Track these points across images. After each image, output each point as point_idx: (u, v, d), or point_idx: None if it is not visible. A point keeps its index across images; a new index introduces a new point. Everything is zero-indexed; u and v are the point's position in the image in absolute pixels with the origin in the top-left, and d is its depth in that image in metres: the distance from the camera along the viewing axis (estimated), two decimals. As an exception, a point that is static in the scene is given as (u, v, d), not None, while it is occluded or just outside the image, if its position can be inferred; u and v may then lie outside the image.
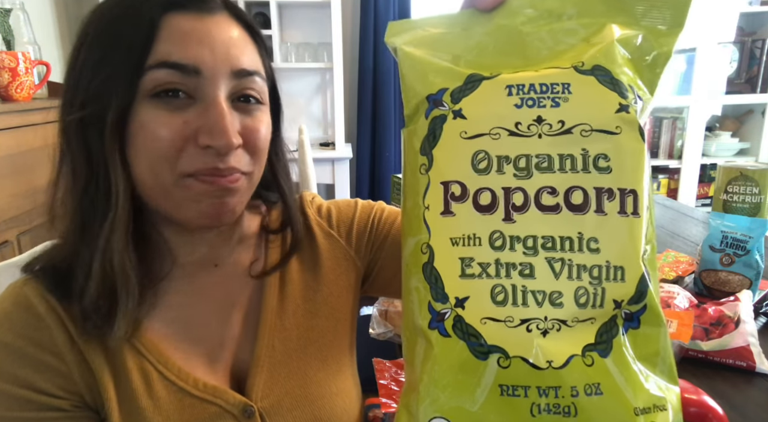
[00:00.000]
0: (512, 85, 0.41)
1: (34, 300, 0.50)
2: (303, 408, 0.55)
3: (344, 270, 0.62)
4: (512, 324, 0.38)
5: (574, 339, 0.38)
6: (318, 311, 0.60)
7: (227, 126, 0.46)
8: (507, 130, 0.40)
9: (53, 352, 0.49)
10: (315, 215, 0.63)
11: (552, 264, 0.39)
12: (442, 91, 0.42)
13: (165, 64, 0.45)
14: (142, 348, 0.51)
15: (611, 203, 0.39)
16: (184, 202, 0.48)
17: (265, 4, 2.70)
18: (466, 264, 0.39)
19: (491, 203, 0.40)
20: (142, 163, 0.46)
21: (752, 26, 2.92)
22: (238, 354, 0.56)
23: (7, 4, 1.82)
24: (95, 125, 0.46)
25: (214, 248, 0.56)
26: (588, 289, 0.39)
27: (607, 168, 0.39)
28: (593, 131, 0.40)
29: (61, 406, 0.49)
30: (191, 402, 0.51)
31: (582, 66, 0.41)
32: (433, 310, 0.39)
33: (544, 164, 0.40)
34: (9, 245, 1.55)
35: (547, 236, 0.39)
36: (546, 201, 0.39)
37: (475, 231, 0.39)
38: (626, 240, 0.39)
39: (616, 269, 0.39)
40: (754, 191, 1.03)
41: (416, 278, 0.41)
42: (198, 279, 0.56)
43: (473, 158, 0.40)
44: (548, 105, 0.40)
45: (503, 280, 0.39)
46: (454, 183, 0.40)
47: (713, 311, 0.85)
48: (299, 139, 1.96)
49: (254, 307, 0.58)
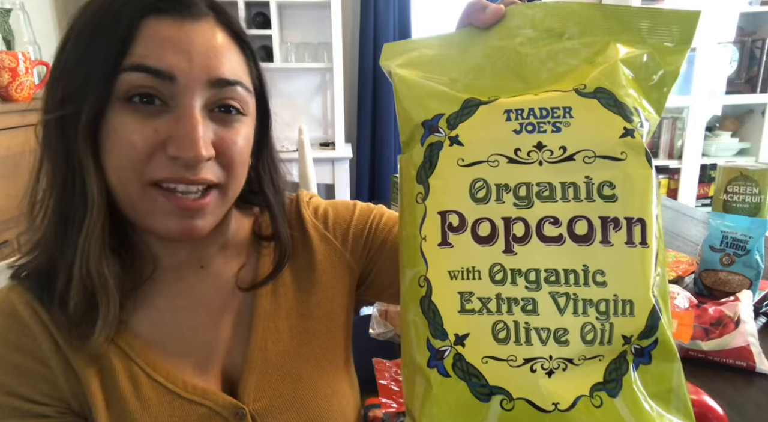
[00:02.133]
0: (511, 109, 0.39)
1: (19, 307, 0.49)
2: (296, 409, 0.55)
3: (339, 273, 0.62)
4: (515, 363, 0.36)
5: (581, 378, 0.36)
6: (311, 314, 0.59)
7: (197, 138, 0.44)
8: (506, 157, 0.39)
9: (37, 358, 0.48)
10: (311, 217, 0.62)
11: (556, 299, 0.37)
12: (438, 117, 0.41)
13: (139, 67, 0.43)
14: (130, 350, 0.51)
15: (618, 233, 0.37)
16: (150, 216, 0.47)
17: (265, 4, 2.70)
18: (466, 299, 0.37)
19: (491, 233, 0.38)
20: (111, 168, 0.46)
21: (752, 26, 2.92)
22: (231, 356, 0.56)
23: (7, 4, 1.82)
24: (72, 125, 0.45)
25: (196, 251, 0.55)
26: (595, 325, 0.37)
27: (612, 196, 0.38)
28: (597, 157, 0.38)
29: (46, 413, 0.48)
30: (180, 404, 0.51)
31: (584, 89, 0.39)
32: (432, 347, 0.37)
33: (545, 192, 0.38)
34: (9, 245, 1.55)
35: (551, 269, 0.37)
36: (548, 232, 0.37)
37: (475, 264, 0.38)
38: (635, 272, 0.37)
39: (624, 303, 0.37)
40: (754, 191, 1.03)
41: (413, 311, 0.39)
42: (184, 281, 0.55)
43: (471, 187, 0.39)
44: (549, 130, 0.38)
45: (505, 316, 0.37)
46: (451, 213, 0.39)
47: (713, 311, 0.85)
48: (299, 139, 1.96)
49: (246, 309, 0.57)
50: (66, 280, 0.47)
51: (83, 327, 0.47)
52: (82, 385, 0.49)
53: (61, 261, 0.47)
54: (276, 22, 2.73)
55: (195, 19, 0.46)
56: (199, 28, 0.46)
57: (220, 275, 0.57)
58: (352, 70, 3.06)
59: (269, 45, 2.75)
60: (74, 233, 0.46)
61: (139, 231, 0.52)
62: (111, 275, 0.47)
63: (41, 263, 0.50)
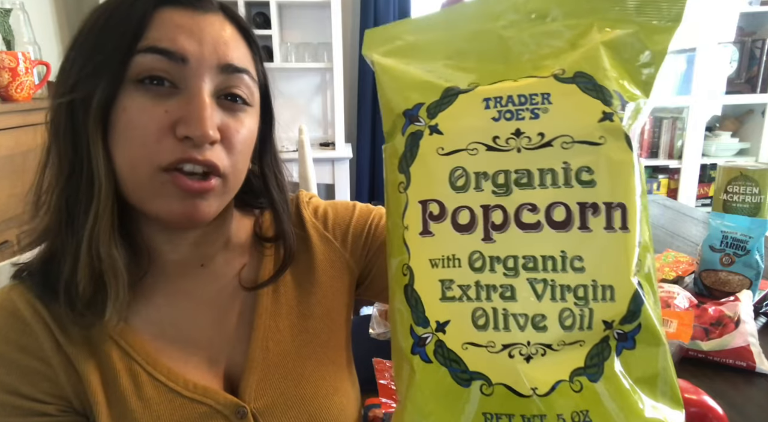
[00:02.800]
0: (489, 97, 0.39)
1: (20, 305, 0.49)
2: (298, 408, 0.55)
3: (339, 273, 0.62)
4: (494, 349, 0.36)
5: (560, 363, 0.36)
6: (312, 313, 0.59)
7: (206, 117, 0.45)
8: (485, 145, 0.38)
9: (39, 357, 0.48)
10: (311, 217, 0.63)
11: (534, 286, 0.37)
12: (419, 106, 0.41)
13: (153, 49, 0.45)
14: (130, 349, 0.51)
15: (596, 218, 0.37)
16: (155, 199, 0.47)
17: (265, 4, 2.70)
18: (447, 287, 0.38)
19: (470, 222, 0.38)
20: (122, 151, 0.46)
21: (752, 26, 2.92)
22: (232, 355, 0.56)
23: (7, 4, 1.82)
24: (82, 109, 0.46)
25: (197, 248, 0.55)
26: (573, 310, 0.37)
27: (590, 182, 0.37)
28: (575, 142, 0.38)
29: (48, 411, 0.48)
30: (182, 403, 0.51)
31: (563, 74, 0.39)
32: (415, 334, 0.38)
33: (523, 179, 0.38)
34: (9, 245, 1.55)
35: (529, 256, 0.37)
36: (526, 219, 0.37)
37: (455, 252, 0.38)
38: (615, 257, 0.37)
39: (604, 288, 0.37)
40: (754, 191, 1.03)
41: (398, 299, 0.40)
42: (184, 279, 0.55)
43: (450, 175, 0.39)
44: (527, 117, 0.38)
45: (484, 303, 0.37)
46: (432, 202, 0.39)
47: (713, 311, 0.85)
48: (299, 139, 1.96)
49: (247, 308, 0.57)
50: (73, 264, 0.47)
51: (91, 313, 0.48)
52: (83, 384, 0.49)
53: (68, 247, 0.47)
54: (276, 22, 2.73)
55: (206, 11, 0.48)
56: (210, 19, 0.48)
57: (221, 275, 0.57)
58: (352, 70, 3.06)
59: (269, 45, 2.75)
60: (81, 217, 0.46)
61: (141, 225, 0.52)
62: (120, 257, 0.47)
63: (45, 254, 0.50)
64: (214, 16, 0.49)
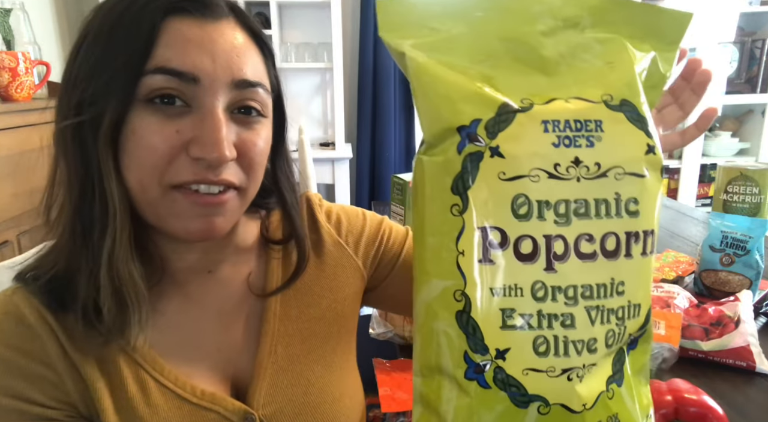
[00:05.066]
0: (548, 120, 0.39)
1: (25, 310, 0.48)
2: (306, 414, 0.55)
3: (350, 278, 0.62)
4: (554, 373, 0.37)
5: (600, 376, 0.38)
6: (322, 317, 0.59)
7: (221, 138, 0.44)
8: (546, 172, 0.38)
9: (45, 363, 0.48)
10: (325, 222, 0.62)
11: (590, 312, 0.38)
12: (476, 123, 0.38)
13: (163, 69, 0.43)
14: (137, 355, 0.50)
15: (637, 246, 0.39)
16: (170, 217, 0.47)
17: (265, 4, 2.70)
18: (507, 316, 0.37)
19: (533, 251, 0.38)
20: (131, 172, 0.45)
21: (752, 26, 2.92)
22: (240, 361, 0.55)
23: (7, 4, 1.82)
24: (91, 130, 0.44)
25: (206, 255, 0.55)
26: (615, 330, 0.39)
27: (636, 212, 0.39)
28: (626, 173, 0.39)
29: (55, 417, 0.48)
30: (190, 410, 0.50)
31: (611, 100, 0.40)
32: (471, 361, 0.38)
33: (581, 209, 0.38)
34: (9, 245, 1.55)
35: (586, 285, 0.38)
36: (584, 249, 0.38)
37: (517, 281, 0.38)
38: (645, 279, 0.40)
39: (635, 307, 0.39)
40: (754, 191, 1.03)
41: (446, 323, 0.39)
42: (191, 286, 0.55)
43: (513, 203, 0.38)
44: (584, 144, 0.38)
45: (545, 331, 0.37)
46: (493, 229, 0.38)
47: (713, 311, 0.85)
48: (299, 139, 1.96)
49: (255, 313, 0.57)
50: (92, 286, 0.46)
51: (115, 331, 0.47)
52: (89, 390, 0.48)
53: (83, 267, 0.46)
54: (276, 22, 2.73)
55: (216, 19, 0.46)
56: (221, 28, 0.46)
57: (229, 280, 0.57)
58: (352, 70, 3.06)
59: (269, 45, 2.75)
60: (97, 239, 0.45)
61: (152, 234, 0.51)
62: (138, 275, 0.47)
63: (55, 269, 0.48)
64: (226, 24, 0.46)
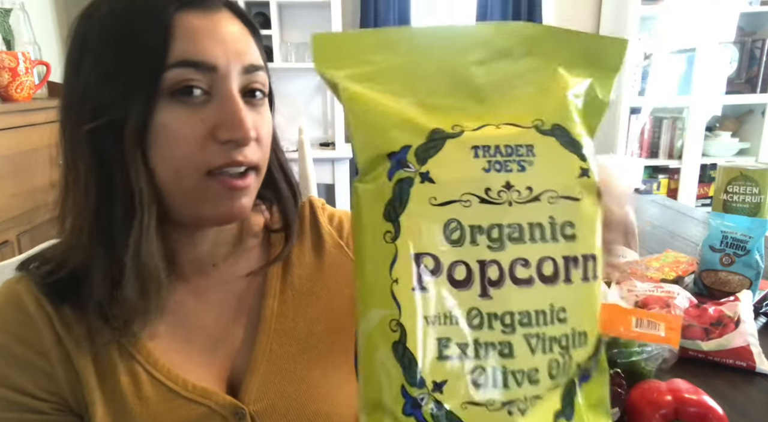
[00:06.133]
0: (478, 146, 0.38)
1: (26, 299, 0.49)
2: (297, 412, 0.55)
3: (350, 281, 0.62)
4: (494, 407, 0.36)
5: (546, 410, 0.37)
6: (319, 318, 0.59)
7: (244, 118, 0.47)
8: (478, 196, 0.37)
9: (39, 351, 0.49)
10: (327, 224, 0.64)
11: (529, 340, 0.37)
12: (406, 149, 0.38)
13: (184, 63, 0.45)
14: (131, 348, 0.51)
15: (576, 270, 0.38)
16: (203, 203, 0.48)
17: (265, 4, 2.70)
18: (443, 345, 0.36)
19: (467, 277, 0.37)
20: (166, 164, 0.47)
21: (752, 26, 2.92)
22: (237, 357, 0.56)
23: (7, 4, 1.82)
24: (110, 133, 0.45)
25: (215, 247, 0.56)
26: (558, 360, 0.37)
27: (573, 236, 0.38)
28: (559, 197, 0.38)
29: (43, 409, 0.48)
30: (180, 403, 0.51)
31: (542, 125, 0.39)
32: (408, 395, 0.36)
33: (515, 234, 0.37)
34: (9, 245, 1.55)
35: (524, 312, 0.37)
36: (520, 274, 0.37)
37: (452, 309, 0.36)
38: (588, 305, 0.39)
39: (580, 335, 0.38)
40: (754, 191, 1.03)
41: (383, 354, 0.37)
42: (195, 281, 0.55)
43: (445, 228, 0.37)
44: (515, 169, 0.38)
45: (482, 361, 0.36)
46: (426, 256, 0.37)
47: (713, 311, 0.85)
48: (299, 139, 1.96)
49: (255, 310, 0.58)
50: (111, 282, 0.47)
51: (123, 323, 0.49)
52: (81, 382, 0.49)
53: (101, 266, 0.47)
54: (276, 22, 2.73)
55: (216, 11, 0.48)
56: (222, 18, 0.48)
57: (231, 275, 0.57)
58: (352, 70, 3.06)
59: (269, 45, 2.75)
60: (122, 235, 0.46)
61: (165, 227, 0.51)
62: (164, 273, 0.48)
63: (73, 270, 0.49)
64: (224, 14, 0.49)
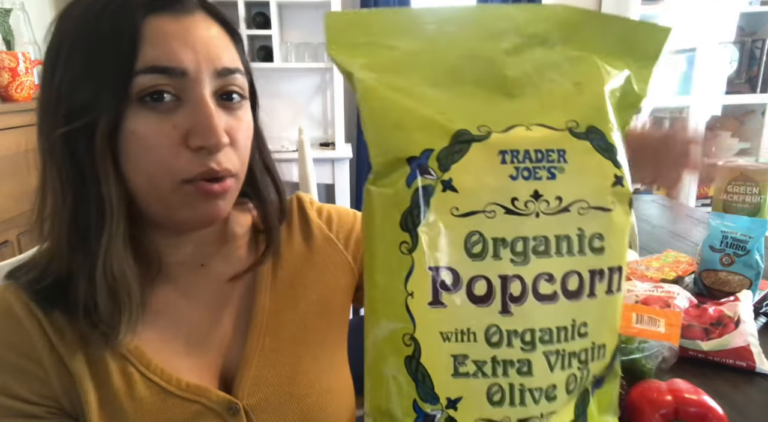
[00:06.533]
0: (506, 150, 0.35)
1: (15, 305, 0.49)
2: (291, 405, 0.55)
3: (340, 273, 0.62)
4: None
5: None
6: (310, 311, 0.60)
7: (215, 124, 0.46)
8: (503, 207, 0.35)
9: (31, 358, 0.49)
10: (316, 218, 0.64)
11: (548, 358, 0.35)
12: (427, 154, 0.35)
13: (153, 69, 0.44)
14: (124, 350, 0.51)
15: (601, 284, 0.36)
16: (179, 208, 0.48)
17: (265, 4, 2.70)
18: (459, 362, 0.35)
19: (487, 293, 0.35)
20: (139, 171, 0.46)
21: (752, 26, 2.92)
22: (229, 353, 0.56)
23: (7, 4, 1.82)
24: (83, 138, 0.45)
25: (200, 247, 0.56)
26: (576, 374, 0.36)
27: (601, 249, 0.36)
28: (590, 208, 0.36)
29: (37, 413, 0.49)
30: (174, 402, 0.51)
31: (577, 127, 0.36)
32: (420, 410, 0.35)
33: (541, 247, 0.35)
34: (9, 245, 1.55)
35: (545, 329, 0.35)
36: (544, 290, 0.35)
37: (470, 326, 0.35)
38: (610, 318, 0.37)
39: (599, 348, 0.37)
40: (754, 191, 1.03)
41: (395, 368, 0.36)
42: (184, 280, 0.55)
43: (467, 241, 0.35)
44: (544, 176, 0.35)
45: (500, 379, 0.35)
46: (444, 270, 0.35)
47: (713, 311, 0.85)
48: (299, 139, 1.96)
49: (245, 306, 0.58)
50: (90, 288, 0.47)
51: (108, 331, 0.48)
52: (75, 386, 0.49)
53: (82, 270, 0.47)
54: (276, 22, 2.73)
55: (190, 14, 0.47)
56: (195, 21, 0.47)
57: (220, 274, 0.57)
58: (352, 70, 3.06)
59: (269, 45, 2.75)
60: (94, 240, 0.46)
61: (147, 230, 0.52)
62: (132, 275, 0.48)
63: (57, 276, 0.49)
64: (198, 17, 0.48)
